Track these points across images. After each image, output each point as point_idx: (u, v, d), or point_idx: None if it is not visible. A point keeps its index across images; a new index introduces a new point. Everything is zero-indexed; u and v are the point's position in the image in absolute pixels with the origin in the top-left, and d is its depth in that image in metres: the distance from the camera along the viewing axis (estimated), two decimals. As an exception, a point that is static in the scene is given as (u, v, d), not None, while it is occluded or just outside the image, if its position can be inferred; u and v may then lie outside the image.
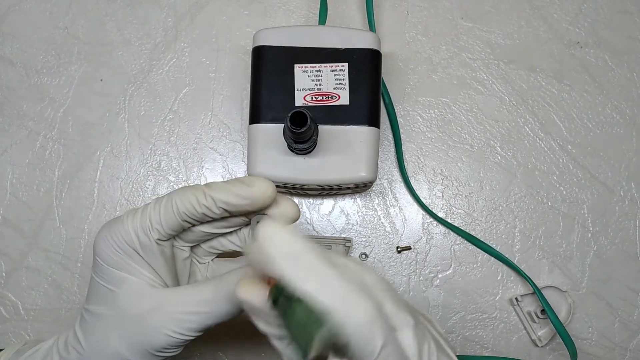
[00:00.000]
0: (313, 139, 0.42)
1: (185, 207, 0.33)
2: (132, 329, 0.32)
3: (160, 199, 0.34)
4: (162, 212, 0.33)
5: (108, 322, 0.33)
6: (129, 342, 0.32)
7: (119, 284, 0.33)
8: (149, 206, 0.34)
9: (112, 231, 0.33)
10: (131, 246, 0.33)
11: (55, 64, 0.52)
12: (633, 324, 0.50)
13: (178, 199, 0.33)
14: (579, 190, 0.51)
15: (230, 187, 0.33)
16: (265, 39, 0.45)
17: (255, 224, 0.35)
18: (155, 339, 0.32)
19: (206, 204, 0.33)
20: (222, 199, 0.32)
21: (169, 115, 0.52)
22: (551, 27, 0.53)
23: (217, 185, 0.33)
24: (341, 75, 0.45)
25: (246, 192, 0.32)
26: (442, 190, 0.51)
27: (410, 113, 0.52)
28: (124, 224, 0.33)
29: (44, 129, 0.52)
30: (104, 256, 0.33)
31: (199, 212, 0.33)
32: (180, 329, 0.32)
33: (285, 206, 0.34)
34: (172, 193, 0.34)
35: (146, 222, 0.33)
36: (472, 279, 0.50)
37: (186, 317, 0.32)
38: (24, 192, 0.51)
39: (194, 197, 0.33)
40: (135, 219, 0.33)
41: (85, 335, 0.34)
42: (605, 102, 0.52)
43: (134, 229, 0.33)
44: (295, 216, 0.35)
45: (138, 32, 0.53)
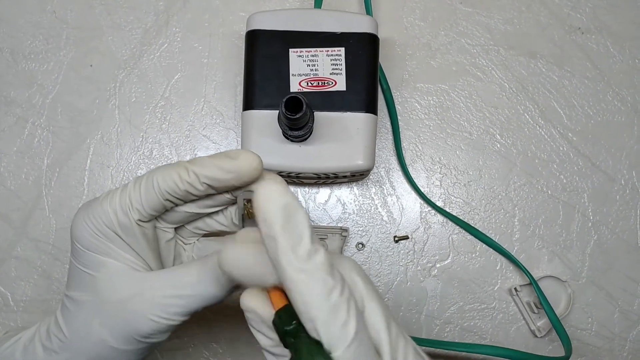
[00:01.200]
0: (309, 125, 0.41)
1: (167, 184, 0.31)
2: (115, 315, 0.31)
3: (141, 178, 0.32)
4: (142, 191, 0.31)
5: (89, 309, 0.32)
6: (112, 329, 0.31)
7: (98, 268, 0.32)
8: (128, 185, 0.32)
9: (90, 213, 0.31)
10: (111, 228, 0.31)
11: (44, 49, 0.51)
12: (633, 314, 0.49)
13: (159, 176, 0.31)
14: (579, 178, 0.50)
15: (215, 160, 0.31)
16: (259, 22, 0.44)
17: (241, 201, 0.33)
18: (139, 324, 0.31)
19: (189, 180, 0.31)
20: (206, 174, 0.31)
21: (160, 102, 0.51)
22: (552, 12, 0.52)
23: (200, 160, 0.31)
24: (337, 60, 0.43)
25: (231, 165, 0.31)
26: (441, 178, 0.50)
27: (408, 100, 0.51)
28: (102, 205, 0.31)
29: (32, 116, 0.50)
30: (83, 240, 0.32)
31: (182, 189, 0.31)
32: (164, 313, 0.31)
33: (271, 183, 0.33)
34: (153, 171, 0.32)
35: (126, 202, 0.31)
36: (470, 269, 0.49)
37: (170, 300, 0.31)
38: (12, 181, 0.50)
39: (176, 173, 0.31)
40: (114, 199, 0.32)
41: (66, 323, 0.32)
42: (607, 89, 0.51)
43: (113, 210, 0.31)
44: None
45: (128, 17, 0.51)
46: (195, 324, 0.48)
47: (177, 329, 0.33)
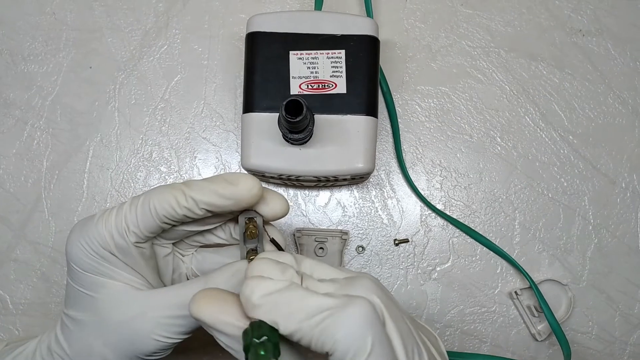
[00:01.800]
0: (309, 128, 0.41)
1: (164, 209, 0.30)
2: (118, 335, 0.31)
3: (137, 199, 0.31)
4: (139, 213, 0.31)
5: (91, 329, 0.32)
6: (114, 348, 0.31)
7: (97, 289, 0.31)
8: (124, 207, 0.31)
9: (84, 234, 0.31)
10: (107, 249, 0.31)
11: (43, 51, 0.51)
12: (634, 318, 0.49)
13: (156, 200, 0.31)
14: (580, 181, 0.50)
15: (213, 186, 0.30)
16: (260, 24, 0.44)
17: (243, 220, 0.33)
18: (143, 344, 0.31)
19: (187, 205, 0.30)
20: (205, 200, 0.30)
21: (160, 104, 0.50)
22: (553, 14, 0.52)
23: (198, 185, 0.30)
24: (338, 63, 0.43)
25: (230, 192, 0.30)
26: (441, 181, 0.50)
27: (409, 102, 0.51)
28: (98, 227, 0.31)
29: (32, 118, 0.50)
30: (79, 262, 0.31)
31: (179, 214, 0.31)
32: (167, 332, 0.31)
33: (273, 203, 0.32)
34: (149, 193, 0.31)
35: (122, 225, 0.31)
36: (471, 272, 0.49)
37: (173, 321, 0.30)
38: (12, 183, 0.49)
39: (173, 198, 0.30)
40: (110, 220, 0.31)
41: (68, 342, 0.32)
42: (608, 92, 0.51)
43: (109, 232, 0.31)
44: (283, 212, 0.33)
45: (128, 18, 0.51)
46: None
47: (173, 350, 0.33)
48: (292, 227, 0.49)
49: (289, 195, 0.50)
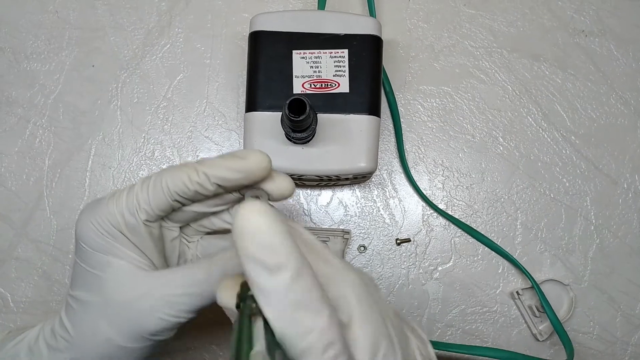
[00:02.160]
0: (312, 127, 0.41)
1: (176, 185, 0.31)
2: (123, 314, 0.31)
3: (148, 179, 0.32)
4: (150, 191, 0.32)
5: (96, 309, 0.32)
6: (120, 328, 0.31)
7: (104, 268, 0.32)
8: (135, 186, 0.32)
9: (95, 213, 0.32)
10: (117, 228, 0.31)
11: (45, 49, 0.51)
12: (635, 318, 0.49)
13: (168, 177, 0.31)
14: (582, 182, 0.50)
15: (224, 161, 0.31)
16: (263, 24, 0.44)
17: (249, 196, 0.33)
18: (148, 323, 0.31)
19: (199, 180, 0.31)
20: (217, 174, 0.31)
21: (162, 103, 0.50)
22: (555, 15, 0.52)
23: (209, 161, 0.31)
24: (341, 62, 0.43)
25: (241, 165, 0.31)
26: (443, 181, 0.50)
27: (411, 102, 0.51)
28: (109, 206, 0.32)
29: (34, 116, 0.50)
30: (88, 240, 0.32)
31: (191, 189, 0.31)
32: (173, 311, 0.31)
33: (280, 180, 0.33)
34: (162, 172, 0.32)
35: (133, 203, 0.31)
36: (472, 272, 0.49)
37: (178, 299, 0.31)
38: (14, 182, 0.49)
39: (185, 174, 0.31)
40: (121, 199, 0.32)
41: (72, 323, 0.32)
42: (610, 92, 0.51)
43: (119, 211, 0.31)
44: (289, 192, 0.33)
45: (131, 17, 0.51)
46: (195, 326, 0.48)
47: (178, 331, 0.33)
48: (294, 226, 0.49)
49: (291, 194, 0.50)
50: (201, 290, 0.31)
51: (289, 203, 0.50)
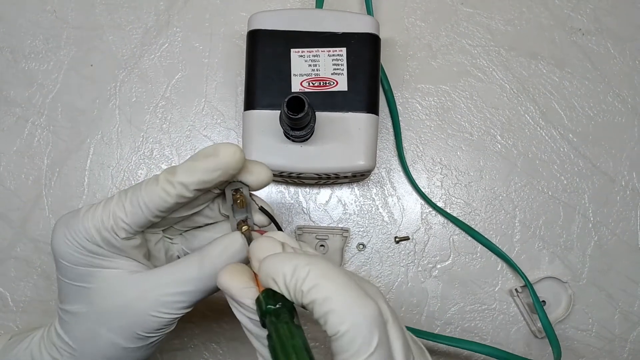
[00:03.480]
0: (310, 125, 0.41)
1: (154, 202, 0.30)
2: (120, 319, 0.31)
3: (124, 195, 0.31)
4: (127, 210, 0.30)
5: (92, 319, 0.32)
6: (121, 332, 0.31)
7: (90, 280, 0.31)
8: (111, 203, 0.31)
9: (70, 229, 0.31)
10: (94, 243, 0.31)
11: (44, 49, 0.51)
12: (633, 315, 0.49)
13: (145, 196, 0.30)
14: (579, 179, 0.50)
15: (197, 164, 0.30)
16: (261, 22, 0.44)
17: (229, 193, 0.33)
18: (147, 323, 0.31)
19: (178, 192, 0.30)
20: (193, 181, 0.30)
21: (161, 102, 0.50)
22: (552, 13, 0.52)
23: (182, 168, 0.30)
24: (339, 61, 0.43)
25: (215, 164, 0.30)
26: (441, 179, 0.50)
27: (409, 100, 0.51)
28: (84, 223, 0.30)
29: (32, 115, 0.50)
30: (67, 256, 0.31)
31: (171, 202, 0.30)
32: (168, 309, 0.31)
33: (257, 171, 0.32)
34: (136, 190, 0.31)
35: (109, 221, 0.30)
36: (471, 270, 0.49)
37: (173, 298, 0.31)
38: (12, 181, 0.49)
39: (162, 190, 0.30)
40: (96, 215, 0.31)
41: (70, 337, 0.33)
42: (607, 90, 0.51)
43: (95, 227, 0.30)
44: (268, 179, 0.33)
45: (129, 16, 0.51)
46: (195, 324, 0.48)
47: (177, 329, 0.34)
48: (293, 224, 0.49)
49: (290, 192, 0.50)
50: (195, 288, 0.31)
51: (287, 202, 0.50)
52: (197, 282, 0.31)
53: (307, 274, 0.25)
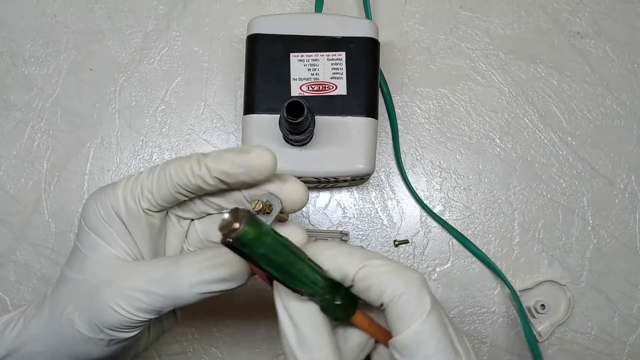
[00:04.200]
0: (310, 129, 0.41)
1: (178, 176, 0.30)
2: (85, 298, 0.31)
3: (155, 167, 0.31)
4: (154, 180, 0.31)
5: (70, 287, 0.32)
6: (81, 312, 0.31)
7: (92, 248, 0.31)
8: (142, 173, 0.32)
9: (102, 195, 0.31)
10: (117, 213, 0.31)
11: (44, 53, 0.51)
12: (632, 318, 0.49)
13: (172, 167, 0.30)
14: (578, 182, 0.50)
15: (226, 154, 0.30)
16: (260, 26, 0.44)
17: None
18: (104, 312, 0.30)
19: (200, 173, 0.30)
20: (217, 168, 0.29)
21: (160, 106, 0.51)
22: (551, 17, 0.52)
23: (213, 154, 0.30)
24: (338, 65, 0.44)
25: (242, 159, 0.29)
26: (441, 182, 0.50)
27: (409, 104, 0.51)
28: (116, 189, 0.31)
29: (32, 119, 0.50)
30: (88, 219, 0.32)
31: (193, 182, 0.30)
32: (127, 306, 0.30)
33: (292, 186, 0.30)
34: (168, 162, 0.31)
35: (137, 190, 0.31)
36: (470, 273, 0.49)
37: (135, 294, 0.30)
38: (12, 185, 0.49)
39: (188, 166, 0.30)
40: (127, 185, 0.31)
41: (51, 296, 0.32)
42: (606, 94, 0.51)
43: (123, 195, 0.31)
44: (303, 199, 0.31)
45: (129, 20, 0.51)
46: (194, 329, 0.48)
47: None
48: (292, 228, 0.49)
49: (289, 196, 0.50)
50: (158, 291, 0.30)
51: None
52: (161, 286, 0.30)
53: (355, 255, 0.27)
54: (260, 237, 0.24)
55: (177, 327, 0.47)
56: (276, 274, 0.26)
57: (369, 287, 0.27)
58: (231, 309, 0.49)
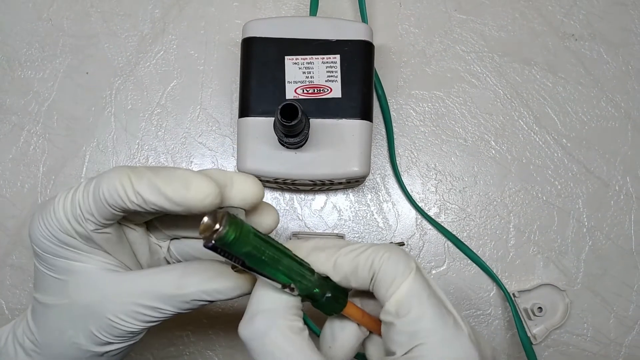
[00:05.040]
0: (304, 132, 0.41)
1: (113, 199, 0.27)
2: (90, 318, 0.30)
3: (90, 182, 0.28)
4: (91, 200, 0.28)
5: (61, 312, 0.30)
6: (84, 332, 0.30)
7: (67, 273, 0.30)
8: (78, 190, 0.28)
9: (44, 218, 0.29)
10: (69, 234, 0.29)
11: (40, 57, 0.51)
12: (628, 320, 0.49)
13: (105, 187, 0.27)
14: (574, 184, 0.50)
15: (163, 187, 0.26)
16: (255, 30, 0.44)
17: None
18: (115, 327, 0.30)
19: (135, 201, 0.27)
20: (152, 201, 0.26)
21: (156, 109, 0.51)
22: (546, 19, 0.52)
23: (147, 180, 0.27)
24: (333, 68, 0.44)
25: (180, 197, 0.26)
26: (436, 185, 0.50)
27: (404, 107, 0.51)
28: (56, 211, 0.28)
29: (28, 123, 0.50)
30: (43, 247, 0.29)
31: (130, 208, 0.27)
32: (134, 320, 0.29)
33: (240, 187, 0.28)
34: (100, 177, 0.28)
35: (77, 212, 0.28)
36: (466, 275, 0.49)
37: (141, 310, 0.29)
38: (8, 189, 0.50)
39: (121, 188, 0.27)
40: (66, 204, 0.28)
41: (38, 326, 0.31)
42: (600, 95, 0.51)
43: (66, 217, 0.28)
44: (255, 196, 0.29)
45: (124, 24, 0.52)
46: (190, 332, 0.48)
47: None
48: (288, 230, 0.49)
49: (285, 199, 0.50)
50: (166, 306, 0.29)
51: (282, 208, 0.50)
52: (171, 302, 0.29)
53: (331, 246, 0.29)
54: (243, 236, 0.24)
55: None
56: (263, 271, 0.26)
57: (356, 267, 0.28)
58: (227, 312, 0.49)
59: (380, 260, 0.28)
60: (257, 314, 0.27)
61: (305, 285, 0.27)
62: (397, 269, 0.27)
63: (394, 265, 0.27)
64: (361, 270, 0.28)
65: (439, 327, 0.26)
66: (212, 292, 0.30)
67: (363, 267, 0.28)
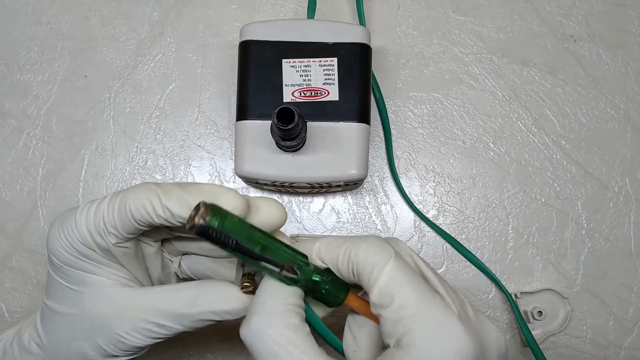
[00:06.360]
0: (301, 135, 0.41)
1: (139, 214, 0.28)
2: (99, 330, 0.30)
3: (116, 196, 0.29)
4: (116, 214, 0.29)
5: (72, 321, 0.31)
6: (95, 344, 0.31)
7: (81, 284, 0.30)
8: (103, 203, 0.29)
9: (65, 229, 0.30)
10: (88, 247, 0.30)
11: (38, 60, 0.51)
12: (628, 322, 0.49)
13: (131, 202, 0.28)
14: (572, 186, 0.50)
15: (193, 200, 0.27)
16: (253, 33, 0.44)
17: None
18: (122, 342, 0.30)
19: (163, 216, 0.28)
20: (181, 215, 0.28)
21: (155, 112, 0.51)
22: (544, 20, 0.52)
23: (175, 195, 0.28)
24: (330, 71, 0.44)
25: None
26: (434, 187, 0.50)
27: (402, 109, 0.51)
28: (77, 223, 0.29)
29: (27, 126, 0.50)
30: (61, 257, 0.30)
31: (156, 222, 0.28)
32: (143, 336, 0.30)
33: (266, 210, 0.30)
34: (127, 192, 0.29)
35: (100, 225, 0.29)
36: (464, 277, 0.49)
37: (152, 327, 0.30)
38: (7, 192, 0.50)
39: (149, 203, 0.28)
40: (89, 217, 0.29)
41: (46, 331, 0.32)
42: (599, 97, 0.51)
43: (88, 230, 0.29)
44: (280, 221, 0.30)
45: (123, 27, 0.52)
46: (190, 334, 0.48)
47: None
48: (286, 233, 0.49)
49: (283, 201, 0.50)
50: (176, 324, 0.30)
51: (281, 210, 0.50)
52: (182, 320, 0.30)
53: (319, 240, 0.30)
54: (227, 219, 0.26)
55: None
56: (261, 253, 0.27)
57: (335, 262, 0.28)
58: (226, 315, 0.49)
59: (356, 252, 0.27)
60: (254, 314, 0.28)
61: (304, 270, 0.28)
62: (375, 259, 0.27)
63: (371, 256, 0.27)
64: (341, 264, 0.28)
65: (423, 312, 0.26)
66: (221, 312, 0.30)
67: (342, 261, 0.28)
